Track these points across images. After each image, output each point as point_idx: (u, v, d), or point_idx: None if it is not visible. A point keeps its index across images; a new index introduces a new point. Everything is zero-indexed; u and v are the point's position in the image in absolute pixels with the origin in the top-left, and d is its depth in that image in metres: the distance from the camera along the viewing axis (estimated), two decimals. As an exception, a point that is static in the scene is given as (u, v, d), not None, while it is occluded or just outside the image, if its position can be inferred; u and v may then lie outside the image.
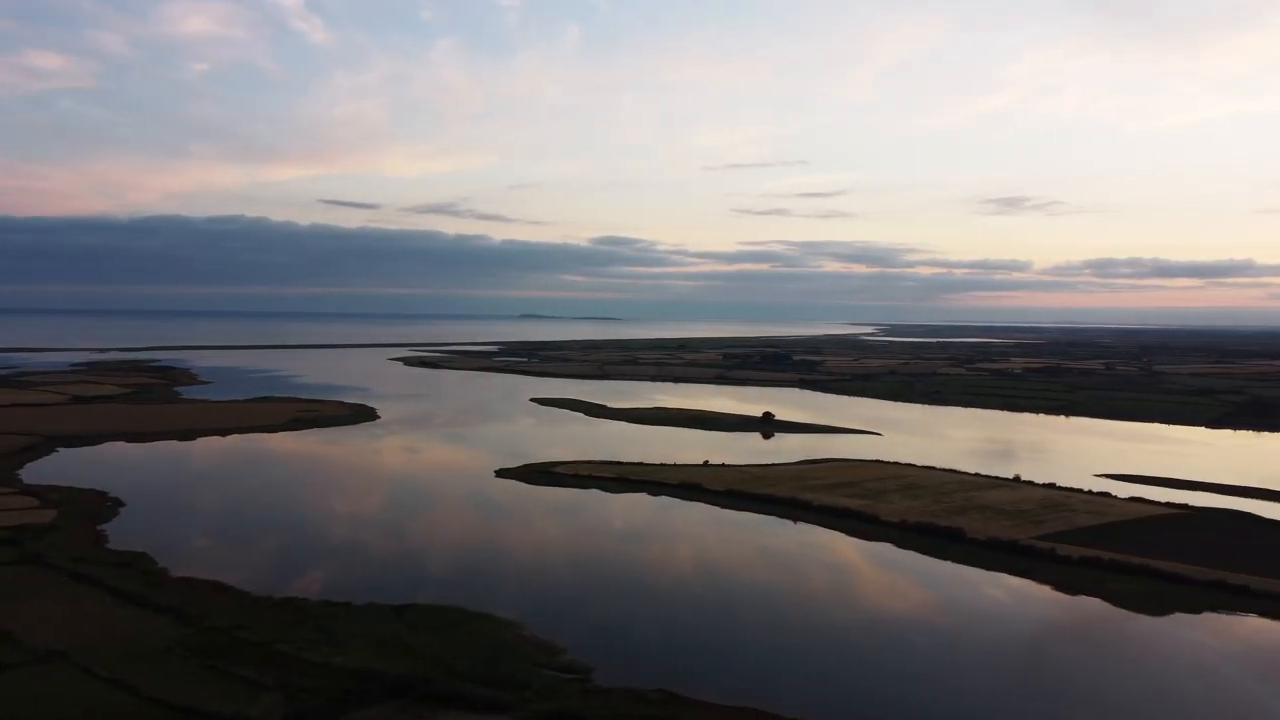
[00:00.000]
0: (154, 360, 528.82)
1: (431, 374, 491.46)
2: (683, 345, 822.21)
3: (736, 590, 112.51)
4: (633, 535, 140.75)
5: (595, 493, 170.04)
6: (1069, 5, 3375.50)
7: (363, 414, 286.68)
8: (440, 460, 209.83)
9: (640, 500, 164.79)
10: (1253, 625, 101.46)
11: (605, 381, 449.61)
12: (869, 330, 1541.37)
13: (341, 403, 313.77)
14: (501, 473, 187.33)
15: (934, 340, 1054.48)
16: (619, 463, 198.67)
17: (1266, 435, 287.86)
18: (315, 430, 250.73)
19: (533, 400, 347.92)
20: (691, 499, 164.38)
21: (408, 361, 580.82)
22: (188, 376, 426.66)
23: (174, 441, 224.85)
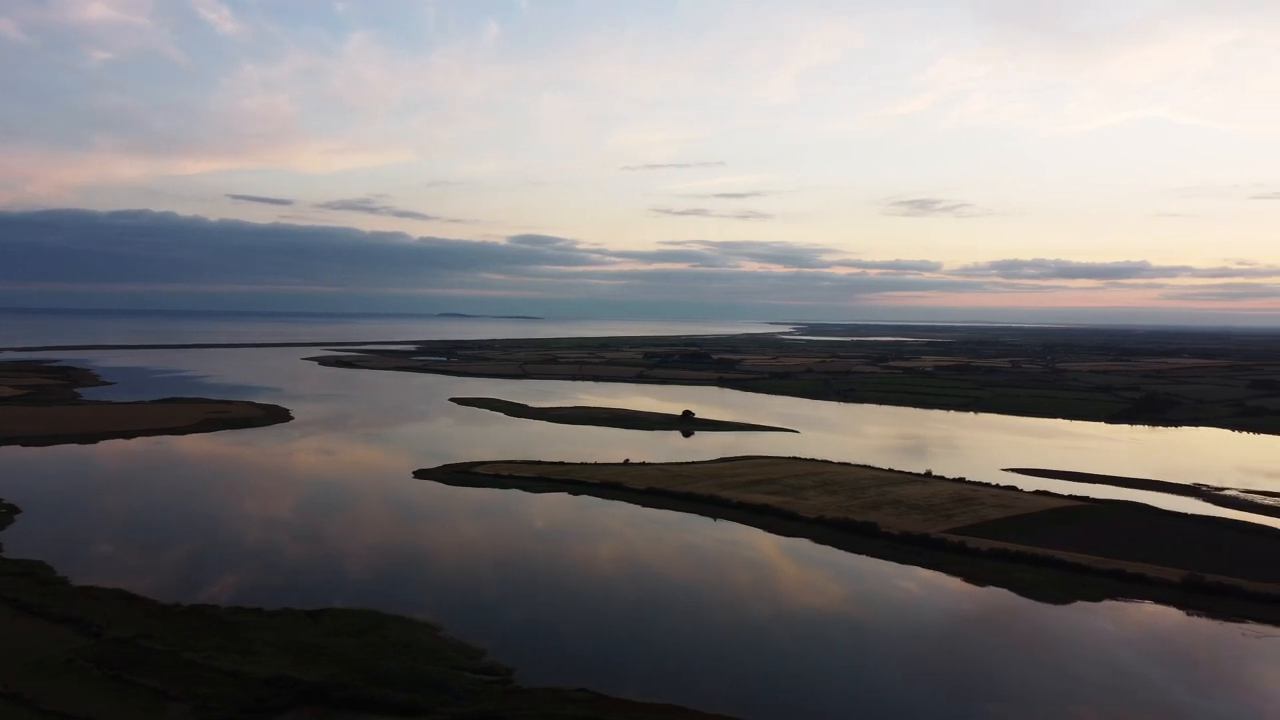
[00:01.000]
0: (53, 360, 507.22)
1: (348, 374, 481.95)
2: (604, 344, 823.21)
3: (658, 588, 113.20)
4: (554, 535, 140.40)
5: (516, 493, 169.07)
6: (978, 16, 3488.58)
7: (276, 415, 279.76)
8: (357, 461, 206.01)
9: (561, 500, 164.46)
10: (1148, 611, 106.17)
11: (526, 381, 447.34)
12: (787, 329, 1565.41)
13: (253, 404, 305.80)
14: (420, 474, 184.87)
15: (850, 339, 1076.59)
16: (540, 462, 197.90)
17: (1161, 429, 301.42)
18: (226, 432, 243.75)
19: (452, 400, 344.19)
20: (613, 498, 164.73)
21: (323, 361, 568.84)
22: (90, 377, 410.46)
23: (75, 445, 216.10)
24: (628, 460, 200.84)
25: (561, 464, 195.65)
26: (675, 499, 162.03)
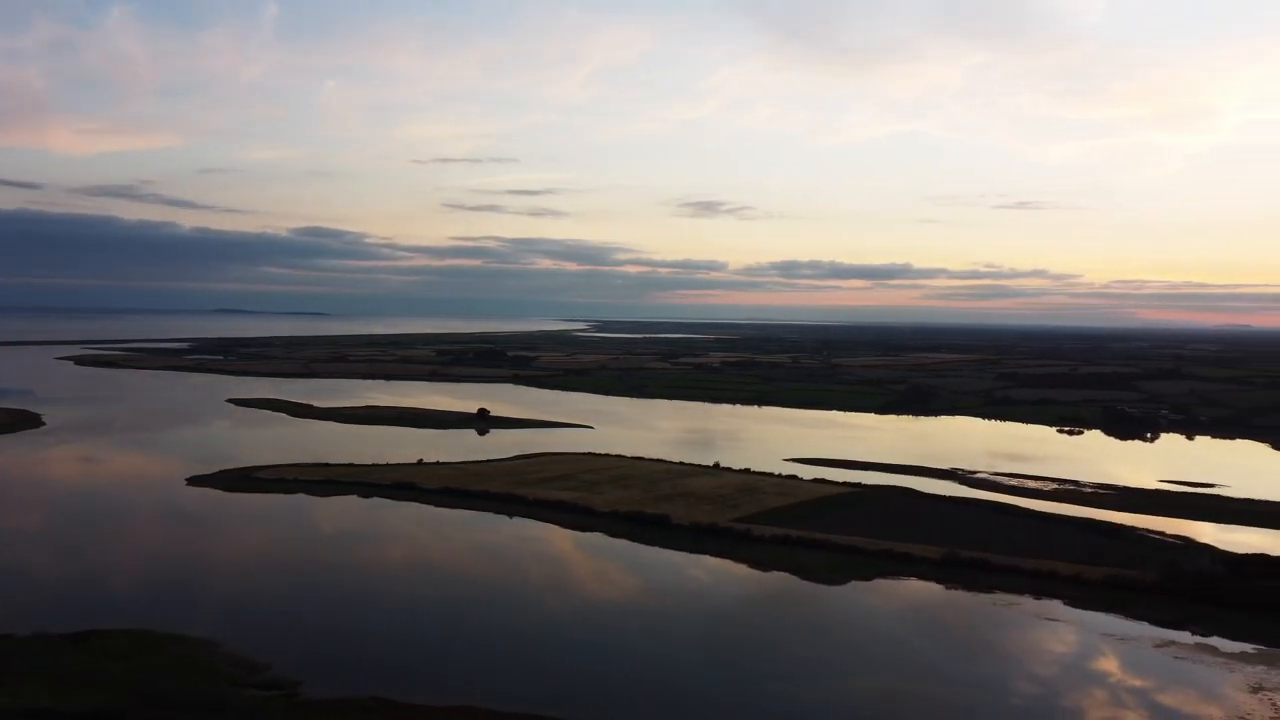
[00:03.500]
0: None
1: (110, 374, 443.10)
2: (395, 341, 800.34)
3: (453, 589, 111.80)
4: (343, 539, 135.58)
5: (301, 497, 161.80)
6: (759, 26, 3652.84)
7: (23, 420, 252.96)
8: (122, 470, 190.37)
9: (350, 503, 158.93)
10: (914, 587, 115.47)
11: (312, 380, 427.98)
12: (581, 326, 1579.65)
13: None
14: (194, 480, 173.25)
15: (642, 336, 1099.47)
16: (327, 464, 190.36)
17: (923, 419, 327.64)
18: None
19: (230, 401, 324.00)
20: (405, 499, 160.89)
21: (80, 360, 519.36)
22: None
23: None
24: (421, 460, 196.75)
25: (351, 465, 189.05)
26: (471, 498, 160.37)
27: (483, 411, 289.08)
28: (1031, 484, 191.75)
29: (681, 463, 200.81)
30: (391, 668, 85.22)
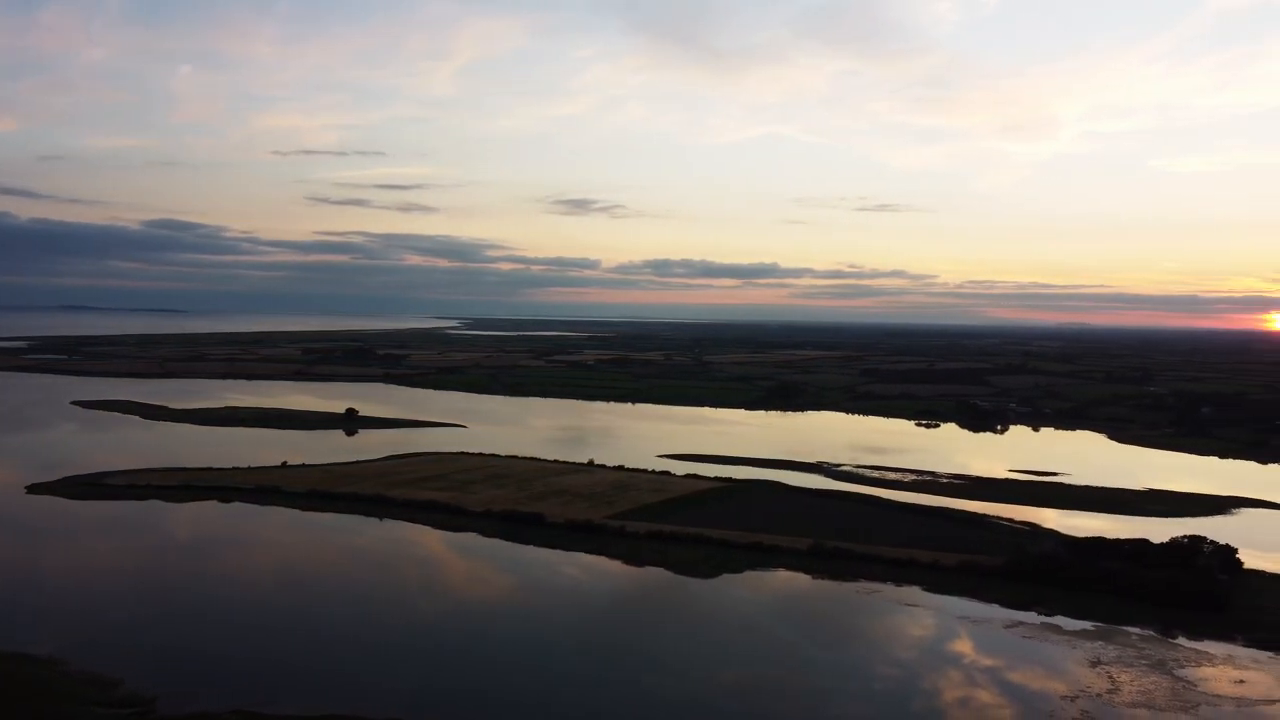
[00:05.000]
0: None
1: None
2: (258, 340, 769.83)
3: (321, 595, 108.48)
4: (202, 547, 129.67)
5: (156, 504, 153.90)
6: (631, 26, 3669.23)
7: None
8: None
9: (209, 509, 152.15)
10: (783, 578, 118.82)
11: (167, 380, 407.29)
12: (454, 324, 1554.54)
13: None
14: (35, 488, 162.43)
15: (516, 334, 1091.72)
16: (184, 469, 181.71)
17: (791, 414, 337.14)
18: None
19: (76, 403, 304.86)
20: (269, 503, 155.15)
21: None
22: None
23: None
24: (285, 463, 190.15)
25: (210, 469, 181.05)
26: (339, 500, 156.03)
27: (351, 412, 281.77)
28: (892, 475, 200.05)
29: (556, 461, 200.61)
30: (253, 680, 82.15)
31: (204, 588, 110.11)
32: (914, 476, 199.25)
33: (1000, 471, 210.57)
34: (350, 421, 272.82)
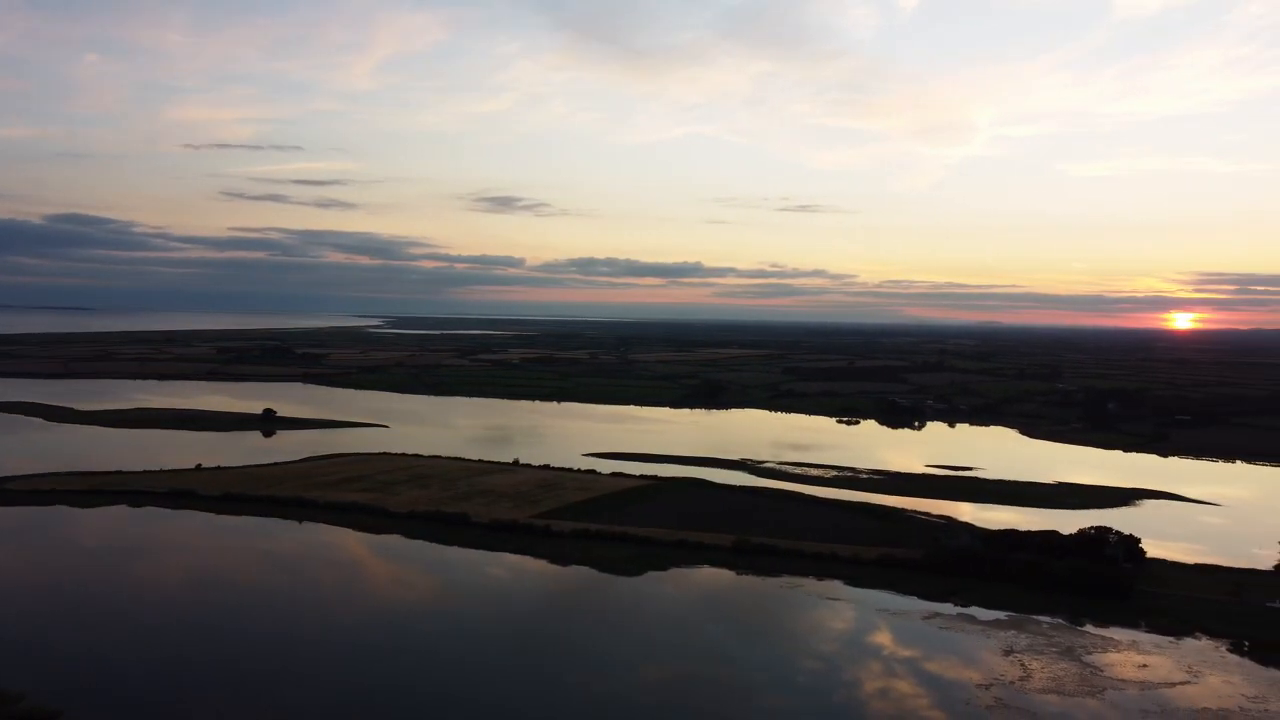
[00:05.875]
0: None
1: None
2: (170, 339, 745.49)
3: (236, 601, 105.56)
4: (110, 553, 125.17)
5: (61, 509, 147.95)
6: (554, 23, 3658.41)
7: None
8: None
9: (119, 513, 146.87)
10: (707, 574, 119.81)
11: (73, 381, 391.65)
12: (375, 323, 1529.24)
13: None
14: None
15: (439, 332, 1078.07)
16: (92, 473, 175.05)
17: (714, 412, 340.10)
18: None
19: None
20: (182, 507, 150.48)
21: None
22: None
23: None
24: (200, 465, 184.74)
25: (119, 473, 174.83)
26: (256, 503, 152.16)
27: (269, 412, 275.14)
28: (814, 472, 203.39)
29: (481, 460, 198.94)
30: (164, 690, 79.68)
31: (113, 595, 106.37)
32: (835, 472, 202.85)
33: (918, 467, 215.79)
34: (268, 422, 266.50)
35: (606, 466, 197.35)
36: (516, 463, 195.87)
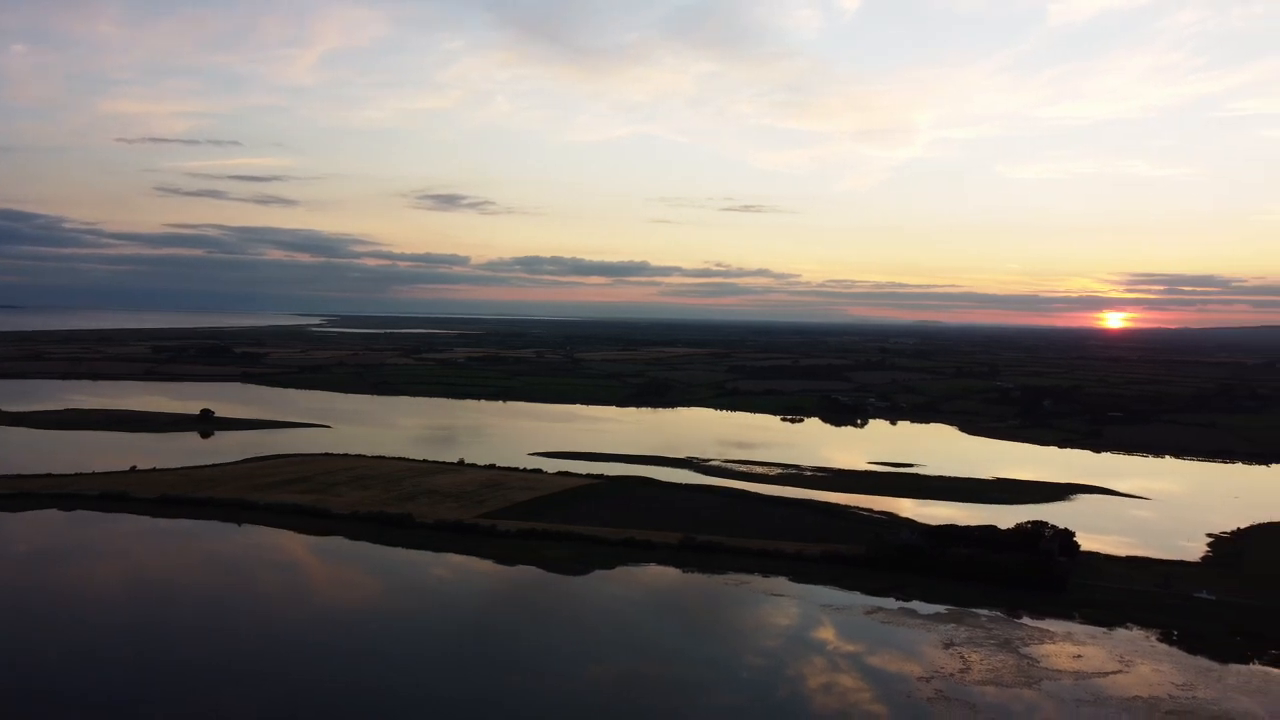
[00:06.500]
0: None
1: None
2: (104, 337, 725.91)
3: (174, 606, 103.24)
4: (38, 559, 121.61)
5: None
6: (499, 21, 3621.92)
7: None
8: None
9: (49, 517, 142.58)
10: (653, 572, 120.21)
11: (1, 381, 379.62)
12: (317, 321, 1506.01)
13: None
14: None
15: (383, 331, 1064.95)
16: (19, 475, 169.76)
17: (660, 411, 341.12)
18: None
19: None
20: (116, 510, 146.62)
21: None
22: None
23: None
24: (135, 467, 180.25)
25: (49, 476, 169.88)
26: (194, 505, 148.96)
27: (207, 412, 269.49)
28: (759, 469, 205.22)
29: (425, 460, 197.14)
30: (95, 699, 77.69)
31: (43, 603, 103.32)
32: (780, 470, 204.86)
33: (861, 464, 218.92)
34: (206, 423, 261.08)
35: (553, 466, 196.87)
36: (462, 463, 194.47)
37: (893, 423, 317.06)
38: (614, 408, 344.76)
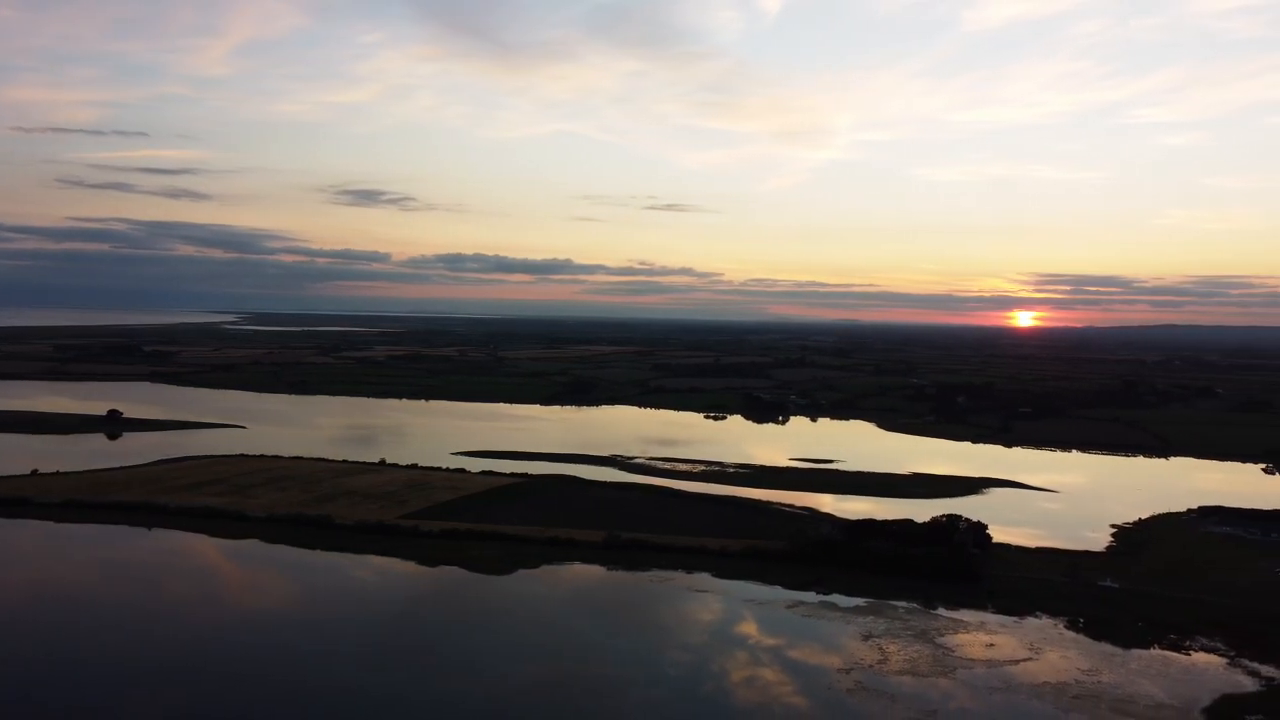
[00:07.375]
0: None
1: None
2: (2, 336, 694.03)
3: (78, 615, 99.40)
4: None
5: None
6: (420, 14, 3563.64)
7: None
8: None
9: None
10: (578, 571, 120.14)
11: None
12: (231, 319, 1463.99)
13: None
14: None
15: (300, 329, 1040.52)
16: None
17: (585, 409, 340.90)
18: None
19: None
20: (15, 515, 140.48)
21: None
22: None
23: None
24: (36, 470, 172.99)
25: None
26: (101, 510, 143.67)
27: (114, 413, 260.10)
28: (683, 467, 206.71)
29: (345, 461, 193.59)
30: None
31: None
32: (703, 467, 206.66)
33: (782, 460, 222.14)
34: (113, 424, 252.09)
35: (476, 465, 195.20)
36: (383, 463, 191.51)
37: (813, 420, 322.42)
38: (538, 406, 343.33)
